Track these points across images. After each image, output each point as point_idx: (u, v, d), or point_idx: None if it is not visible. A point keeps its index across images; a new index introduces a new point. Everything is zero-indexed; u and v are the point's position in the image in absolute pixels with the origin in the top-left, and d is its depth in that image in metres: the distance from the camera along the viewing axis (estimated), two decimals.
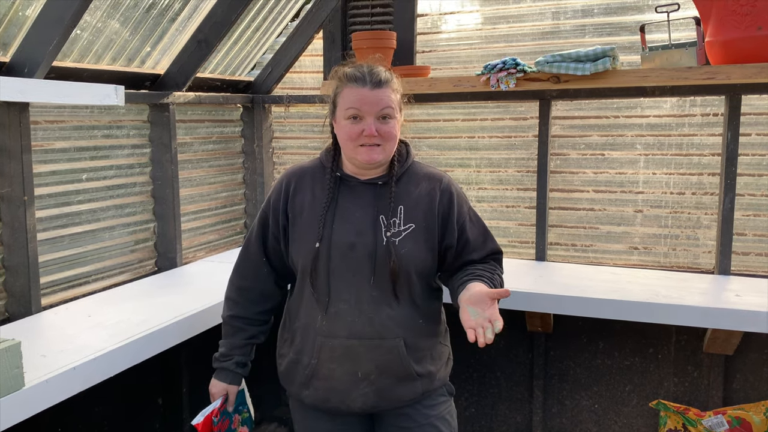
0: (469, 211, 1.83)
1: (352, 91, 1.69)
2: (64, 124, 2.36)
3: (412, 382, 1.76)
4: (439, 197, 1.78)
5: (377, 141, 1.68)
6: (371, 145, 1.69)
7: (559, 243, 2.94)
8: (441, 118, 3.10)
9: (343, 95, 1.71)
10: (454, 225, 1.78)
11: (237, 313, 1.88)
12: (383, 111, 1.68)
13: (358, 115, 1.68)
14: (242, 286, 1.89)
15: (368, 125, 1.67)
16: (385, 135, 1.69)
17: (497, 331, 1.51)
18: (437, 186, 1.79)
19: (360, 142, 1.69)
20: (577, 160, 2.88)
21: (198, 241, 3.07)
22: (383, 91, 1.69)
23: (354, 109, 1.68)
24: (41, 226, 2.26)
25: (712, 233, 2.72)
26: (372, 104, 1.67)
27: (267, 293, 1.89)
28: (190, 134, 2.99)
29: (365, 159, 1.70)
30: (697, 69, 2.36)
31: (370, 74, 1.70)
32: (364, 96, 1.67)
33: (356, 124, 1.69)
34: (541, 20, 2.89)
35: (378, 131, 1.68)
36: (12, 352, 1.48)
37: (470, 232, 1.80)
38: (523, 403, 2.97)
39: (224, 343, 1.90)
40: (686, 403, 2.67)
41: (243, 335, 1.88)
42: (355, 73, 1.71)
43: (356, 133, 1.68)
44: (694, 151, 2.72)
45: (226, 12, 2.60)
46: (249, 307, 1.88)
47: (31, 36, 1.99)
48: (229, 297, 1.91)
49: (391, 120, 1.70)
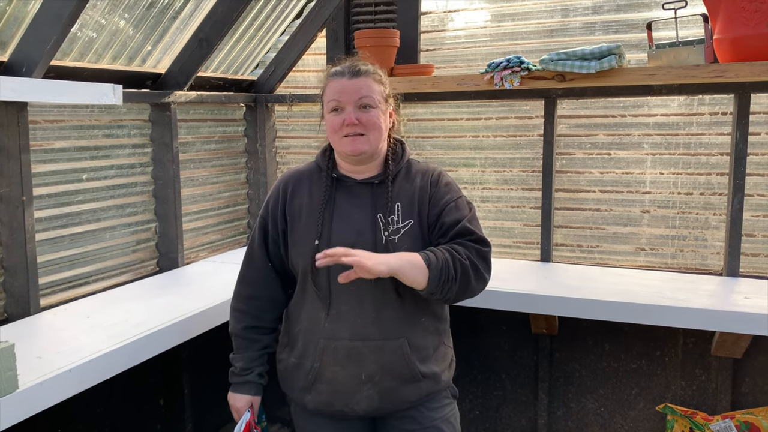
0: (458, 199, 1.76)
1: (333, 84, 1.72)
2: (64, 123, 2.35)
3: (416, 383, 1.74)
4: (429, 187, 1.76)
5: (359, 130, 1.68)
6: (354, 135, 1.68)
7: (564, 244, 2.90)
8: (445, 117, 3.07)
9: (326, 90, 1.74)
10: (436, 209, 1.73)
11: (249, 323, 1.85)
12: (362, 100, 1.69)
13: (339, 106, 1.70)
14: (251, 295, 1.86)
15: (348, 114, 1.68)
16: (366, 123, 1.68)
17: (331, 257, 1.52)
18: (428, 178, 1.78)
19: (343, 133, 1.69)
20: (583, 159, 2.85)
21: (200, 241, 3.05)
22: (362, 79, 1.70)
23: (335, 100, 1.70)
24: (41, 226, 2.25)
25: (720, 234, 2.67)
26: (350, 93, 1.68)
27: (275, 299, 1.87)
28: (192, 133, 2.98)
29: (349, 149, 1.69)
30: (704, 67, 2.33)
31: (349, 66, 1.72)
32: (343, 86, 1.69)
33: (338, 115, 1.70)
34: (550, 17, 2.85)
35: (359, 119, 1.68)
36: (5, 354, 1.47)
37: (449, 216, 1.71)
38: (527, 405, 2.93)
39: (240, 357, 1.85)
40: (694, 407, 2.63)
41: (258, 346, 1.85)
42: (337, 68, 1.74)
43: (338, 124, 1.69)
44: (702, 151, 2.67)
45: (227, 11, 2.58)
46: (260, 316, 1.86)
47: (29, 35, 1.97)
48: (237, 308, 1.87)
49: (373, 109, 1.70)
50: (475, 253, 1.68)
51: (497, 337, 2.92)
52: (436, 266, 1.59)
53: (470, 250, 1.68)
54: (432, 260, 1.60)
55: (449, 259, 1.62)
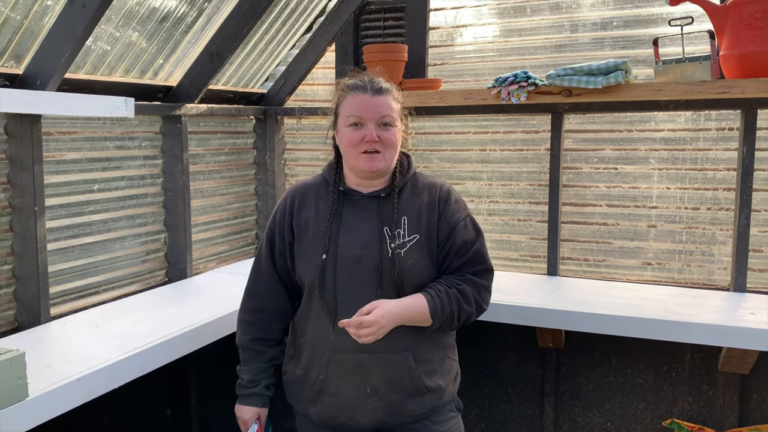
0: (466, 218, 1.80)
1: (353, 99, 1.72)
2: (77, 135, 2.38)
3: (421, 396, 1.74)
4: (438, 205, 1.78)
5: (378, 147, 1.70)
6: (372, 152, 1.70)
7: (571, 258, 2.91)
8: (452, 131, 3.09)
9: (345, 104, 1.74)
10: (446, 227, 1.76)
11: (256, 335, 1.86)
12: (384, 118, 1.71)
13: (359, 121, 1.71)
14: (257, 307, 1.87)
15: (369, 131, 1.69)
16: (385, 141, 1.71)
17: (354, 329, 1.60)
18: (437, 193, 1.80)
19: (361, 149, 1.70)
20: (590, 174, 2.85)
21: (209, 251, 3.08)
22: (384, 98, 1.72)
23: (355, 116, 1.71)
24: (53, 236, 2.28)
25: (727, 249, 2.67)
26: (373, 110, 1.70)
27: (282, 311, 1.88)
28: (202, 145, 3.01)
29: (366, 167, 1.71)
30: (711, 83, 2.34)
31: (371, 82, 1.73)
32: (365, 102, 1.70)
33: (357, 130, 1.71)
34: (558, 33, 2.87)
35: (379, 137, 1.70)
36: (16, 362, 1.49)
37: (459, 236, 1.76)
38: (534, 419, 2.93)
39: (247, 369, 1.86)
40: (701, 423, 2.62)
41: (265, 358, 1.86)
42: (357, 82, 1.75)
43: (357, 139, 1.70)
44: (709, 166, 2.68)
45: (238, 25, 2.62)
46: (267, 328, 1.87)
47: (43, 48, 2.01)
48: (244, 320, 1.88)
49: (392, 128, 1.72)
50: (482, 290, 1.76)
51: (503, 351, 2.92)
52: (440, 318, 1.68)
53: (478, 288, 1.75)
54: (437, 312, 1.68)
55: (455, 310, 1.70)
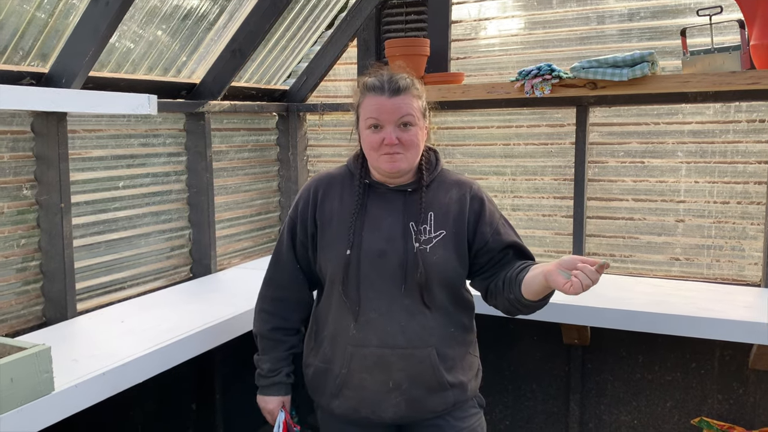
0: (501, 217, 1.81)
1: (371, 101, 1.69)
2: (102, 132, 2.41)
3: (443, 392, 1.73)
4: (469, 203, 1.76)
5: (398, 149, 1.67)
6: (393, 153, 1.67)
7: (597, 253, 2.86)
8: (476, 125, 3.06)
9: (364, 105, 1.71)
10: (487, 229, 1.75)
11: (276, 324, 1.86)
12: (403, 118, 1.67)
13: (378, 124, 1.68)
14: (277, 297, 1.87)
15: (388, 134, 1.66)
16: (406, 143, 1.68)
17: (603, 265, 1.54)
18: (467, 192, 1.78)
19: (382, 152, 1.68)
20: (616, 168, 2.81)
21: (232, 248, 3.10)
22: (402, 98, 1.68)
23: (373, 118, 1.68)
24: (78, 233, 2.31)
25: (758, 244, 2.61)
26: (391, 112, 1.67)
27: (302, 300, 1.88)
28: (225, 142, 3.03)
29: (388, 168, 1.69)
30: (741, 74, 2.28)
31: (389, 82, 1.69)
32: (382, 104, 1.67)
33: (376, 133, 1.68)
34: (585, 24, 2.83)
35: (399, 139, 1.67)
36: (42, 356, 1.51)
37: (506, 236, 1.78)
38: (559, 417, 2.89)
39: (267, 358, 1.86)
40: (731, 422, 2.56)
41: (284, 347, 1.86)
42: (374, 82, 1.70)
43: (377, 143, 1.68)
44: (739, 159, 2.62)
45: (260, 22, 2.62)
46: (287, 317, 1.87)
47: (68, 47, 2.04)
48: (264, 309, 1.88)
49: (412, 127, 1.69)
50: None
51: (528, 347, 2.89)
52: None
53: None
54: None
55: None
